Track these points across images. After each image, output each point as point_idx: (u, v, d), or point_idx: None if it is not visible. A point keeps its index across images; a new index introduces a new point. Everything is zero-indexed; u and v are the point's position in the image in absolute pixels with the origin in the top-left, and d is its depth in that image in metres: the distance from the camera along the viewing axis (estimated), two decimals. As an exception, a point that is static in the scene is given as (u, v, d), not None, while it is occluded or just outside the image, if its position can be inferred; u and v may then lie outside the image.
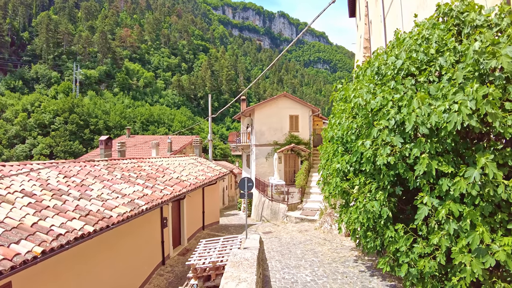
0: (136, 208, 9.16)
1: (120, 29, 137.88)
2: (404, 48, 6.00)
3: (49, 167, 10.06)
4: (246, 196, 13.42)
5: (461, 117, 4.31)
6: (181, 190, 12.23)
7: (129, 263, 10.16)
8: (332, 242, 11.44)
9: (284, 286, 6.60)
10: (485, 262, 4.13)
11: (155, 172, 13.22)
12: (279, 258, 9.42)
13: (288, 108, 22.81)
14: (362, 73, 6.74)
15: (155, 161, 14.98)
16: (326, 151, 7.77)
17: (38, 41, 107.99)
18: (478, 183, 4.26)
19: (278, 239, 12.91)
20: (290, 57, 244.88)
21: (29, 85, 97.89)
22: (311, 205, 17.53)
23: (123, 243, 9.91)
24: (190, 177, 14.31)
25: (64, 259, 7.09)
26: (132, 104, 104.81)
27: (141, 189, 10.78)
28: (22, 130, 71.73)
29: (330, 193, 7.15)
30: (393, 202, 5.73)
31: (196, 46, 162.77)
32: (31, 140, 70.24)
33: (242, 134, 25.90)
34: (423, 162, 4.67)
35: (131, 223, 10.25)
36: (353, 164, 6.33)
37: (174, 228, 13.79)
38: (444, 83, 4.93)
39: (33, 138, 71.04)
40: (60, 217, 6.98)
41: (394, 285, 6.15)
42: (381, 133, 5.22)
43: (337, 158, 6.78)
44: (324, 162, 7.80)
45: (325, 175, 7.67)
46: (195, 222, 16.16)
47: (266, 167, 22.32)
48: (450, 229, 4.44)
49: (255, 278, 3.75)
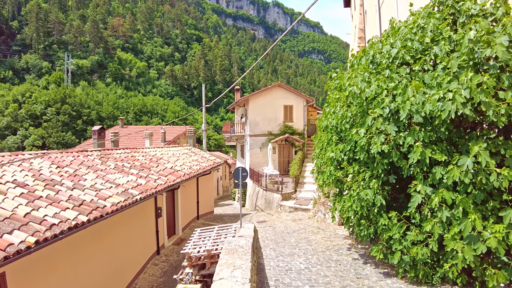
0: (130, 198, 9.13)
1: (112, 18, 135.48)
2: (399, 37, 5.98)
3: (42, 157, 9.95)
4: (240, 186, 13.44)
5: (455, 105, 4.33)
6: (175, 180, 12.21)
7: (124, 253, 10.17)
8: (325, 230, 11.55)
9: (279, 273, 6.65)
10: (476, 249, 4.20)
11: (149, 162, 13.17)
12: (273, 246, 9.49)
13: (283, 98, 22.77)
14: (357, 62, 6.72)
15: (148, 151, 14.91)
16: (320, 140, 7.78)
17: (28, 30, 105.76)
18: (471, 171, 4.31)
19: (272, 228, 13.00)
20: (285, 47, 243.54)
21: (20, 76, 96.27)
22: (305, 194, 17.64)
23: (118, 233, 9.90)
24: (184, 167, 14.28)
25: (59, 250, 7.07)
26: (125, 94, 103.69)
27: (135, 179, 10.74)
28: (13, 121, 70.57)
29: (324, 182, 7.19)
30: (386, 190, 5.78)
31: (190, 36, 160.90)
32: (23, 132, 69.19)
33: (236, 124, 25.84)
34: (417, 150, 4.70)
35: (126, 213, 10.23)
36: (347, 153, 6.35)
37: (168, 218, 13.81)
38: (438, 72, 4.94)
39: (24, 129, 69.91)
40: (54, 207, 6.94)
41: (387, 272, 6.24)
42: (375, 121, 5.24)
43: (331, 147, 6.79)
44: (318, 151, 7.82)
45: (319, 164, 7.69)
46: (190, 212, 16.20)
47: (261, 157, 22.36)
48: (442, 217, 4.50)
49: (250, 265, 3.77)
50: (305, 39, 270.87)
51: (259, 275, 6.26)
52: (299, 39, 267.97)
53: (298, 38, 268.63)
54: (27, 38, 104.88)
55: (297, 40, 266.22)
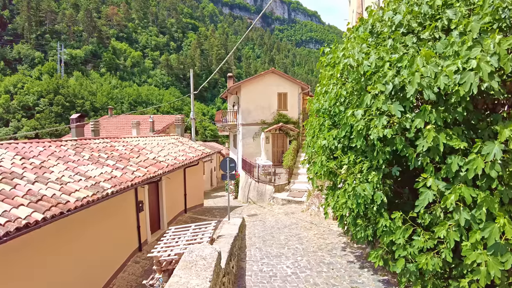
0: (100, 191, 8.17)
1: (106, 7, 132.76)
2: (404, 1, 4.97)
3: (6, 148, 8.97)
4: (228, 178, 12.49)
5: (478, 77, 3.34)
6: (156, 171, 11.24)
7: (100, 252, 9.26)
8: (319, 226, 10.66)
9: (261, 281, 5.73)
10: (505, 262, 3.23)
11: (129, 153, 12.18)
12: (260, 245, 8.58)
13: (277, 85, 21.61)
14: (354, 32, 5.70)
15: (130, 140, 13.89)
16: (311, 126, 6.77)
17: (19, 19, 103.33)
18: (498, 161, 3.33)
19: (263, 222, 12.10)
20: (282, 37, 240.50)
21: (12, 66, 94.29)
22: (298, 186, 16.73)
23: (92, 230, 8.97)
24: (169, 158, 13.29)
25: (14, 251, 6.12)
26: (119, 84, 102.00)
27: (110, 171, 9.76)
28: (5, 112, 69.52)
29: (316, 174, 6.21)
30: (388, 185, 4.81)
31: (185, 25, 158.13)
32: (15, 123, 68.05)
33: (228, 113, 24.72)
34: (428, 135, 3.71)
35: (101, 208, 9.32)
36: (341, 140, 5.35)
37: (152, 212, 12.87)
38: (454, 38, 3.92)
39: (17, 120, 68.85)
40: (5, 204, 5.98)
41: (387, 280, 5.33)
42: (375, 100, 4.22)
43: (324, 134, 5.80)
44: (310, 139, 6.83)
45: (310, 153, 6.71)
46: (176, 205, 15.26)
47: (254, 147, 21.34)
48: (460, 220, 3.51)
49: (209, 286, 2.83)
50: (303, 28, 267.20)
51: (236, 284, 5.33)
52: (296, 28, 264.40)
53: (295, 28, 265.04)
54: (18, 27, 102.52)
55: (294, 30, 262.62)
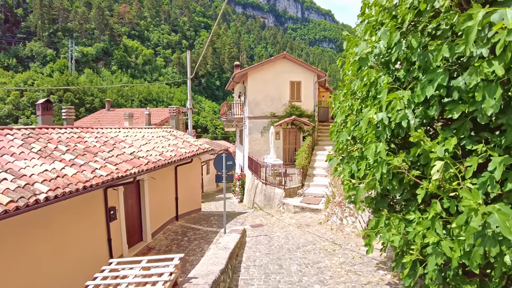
0: (26, 197, 5.58)
1: (118, 5, 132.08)
2: None
3: None
4: (224, 179, 9.79)
5: None
6: (129, 170, 8.60)
7: (45, 276, 6.72)
8: (344, 248, 7.84)
9: None
10: None
11: (100, 146, 9.59)
12: (260, 283, 5.82)
13: (289, 72, 18.65)
14: None
15: (108, 131, 11.31)
16: (347, 93, 3.95)
17: (32, 17, 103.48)
18: None
19: (268, 238, 9.32)
20: (295, 36, 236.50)
21: (24, 63, 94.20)
22: (314, 190, 13.90)
23: (33, 249, 6.43)
24: (152, 153, 10.66)
25: None
26: (130, 82, 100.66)
27: (59, 168, 7.18)
28: (15, 109, 69.00)
29: (359, 178, 3.41)
30: None
31: (198, 23, 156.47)
32: (24, 119, 67.37)
33: (234, 104, 21.90)
34: None
35: (47, 220, 6.81)
36: (420, 109, 2.56)
37: (130, 220, 10.27)
38: None
39: (26, 117, 68.30)
40: None
41: None
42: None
43: (381, 100, 2.98)
44: (342, 119, 4.04)
45: (344, 143, 3.92)
46: (165, 212, 12.59)
47: (262, 143, 18.51)
48: None
49: None
50: (316, 27, 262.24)
51: None
52: (310, 27, 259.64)
53: (309, 26, 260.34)
54: (31, 25, 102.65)
55: (307, 28, 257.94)
